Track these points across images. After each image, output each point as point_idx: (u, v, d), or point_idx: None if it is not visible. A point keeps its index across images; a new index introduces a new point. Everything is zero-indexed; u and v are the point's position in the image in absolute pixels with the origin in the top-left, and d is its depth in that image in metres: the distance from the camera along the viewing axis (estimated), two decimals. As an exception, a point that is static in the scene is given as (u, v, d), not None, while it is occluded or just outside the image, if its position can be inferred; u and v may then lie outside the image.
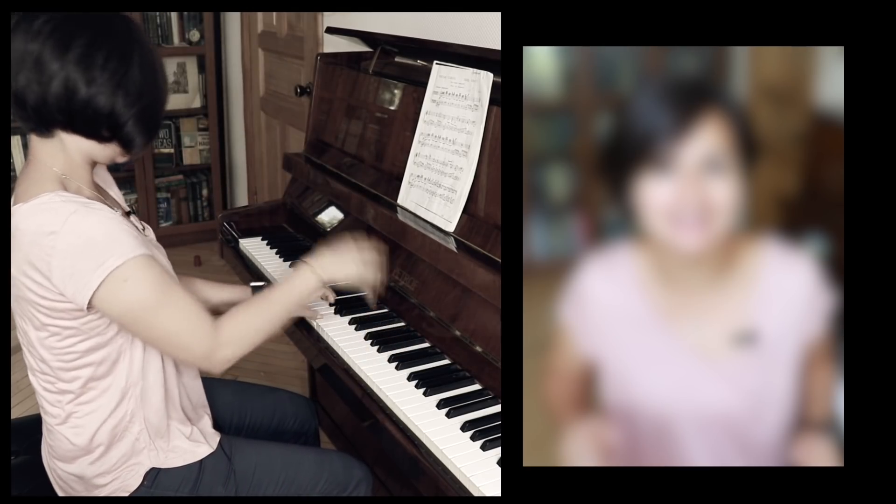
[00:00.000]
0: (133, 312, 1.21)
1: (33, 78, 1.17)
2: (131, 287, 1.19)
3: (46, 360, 1.27)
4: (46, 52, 1.17)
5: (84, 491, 1.35)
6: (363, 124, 2.08)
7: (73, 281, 1.17)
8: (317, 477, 1.45)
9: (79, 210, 1.18)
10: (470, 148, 1.63)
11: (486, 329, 1.46)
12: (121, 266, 1.17)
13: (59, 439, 1.33)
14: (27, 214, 1.19)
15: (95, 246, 1.17)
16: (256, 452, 1.44)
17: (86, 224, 1.17)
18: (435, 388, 1.41)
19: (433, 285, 1.62)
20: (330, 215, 2.07)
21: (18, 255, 1.20)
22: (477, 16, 2.00)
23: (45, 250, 1.16)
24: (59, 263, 1.16)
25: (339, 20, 2.65)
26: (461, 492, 1.19)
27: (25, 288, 1.21)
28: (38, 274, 1.18)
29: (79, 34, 1.18)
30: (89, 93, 1.19)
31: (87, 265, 1.16)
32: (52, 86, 1.17)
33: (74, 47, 1.17)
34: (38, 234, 1.17)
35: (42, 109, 1.20)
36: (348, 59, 2.25)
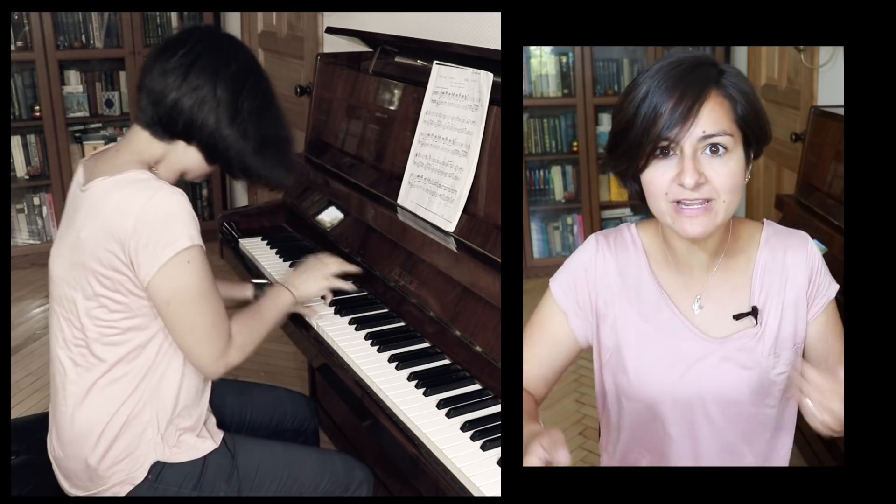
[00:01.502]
0: (182, 294, 1.28)
1: (199, 101, 1.32)
2: (191, 270, 1.27)
3: (86, 330, 1.31)
4: (212, 91, 1.32)
5: (89, 481, 1.35)
6: (363, 124, 2.08)
7: (147, 251, 1.24)
8: (319, 476, 1.45)
9: (164, 188, 1.27)
10: (470, 148, 1.63)
11: (486, 329, 1.46)
12: (189, 248, 1.26)
13: (69, 425, 1.34)
14: (113, 186, 1.28)
15: (175, 223, 1.25)
16: (260, 451, 1.44)
17: (170, 201, 1.26)
18: (435, 388, 1.41)
19: (433, 285, 1.62)
20: (330, 215, 2.07)
21: (96, 222, 1.26)
22: (477, 16, 2.00)
23: (126, 219, 1.24)
24: (137, 232, 1.23)
25: (339, 20, 2.65)
26: (461, 492, 1.19)
27: (92, 255, 1.27)
28: (113, 241, 1.25)
29: (245, 85, 1.36)
30: (235, 133, 1.35)
31: (162, 238, 1.24)
32: (210, 116, 1.33)
33: (244, 93, 1.35)
34: (122, 204, 1.25)
35: (187, 125, 1.33)
36: (348, 59, 2.25)
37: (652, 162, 1.06)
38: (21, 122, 3.76)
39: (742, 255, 1.17)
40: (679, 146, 1.04)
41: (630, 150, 1.07)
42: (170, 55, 1.32)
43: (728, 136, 1.04)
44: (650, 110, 1.04)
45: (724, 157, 1.04)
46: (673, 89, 1.03)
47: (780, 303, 1.15)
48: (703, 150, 1.04)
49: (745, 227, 1.20)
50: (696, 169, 1.03)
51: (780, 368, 1.14)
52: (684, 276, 1.17)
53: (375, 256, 1.82)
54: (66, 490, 1.40)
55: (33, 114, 3.77)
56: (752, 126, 1.07)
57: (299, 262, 1.60)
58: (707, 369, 1.14)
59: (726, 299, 1.16)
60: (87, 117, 3.91)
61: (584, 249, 1.22)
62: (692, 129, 1.03)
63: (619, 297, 1.18)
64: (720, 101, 1.04)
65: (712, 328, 1.15)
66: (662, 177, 1.05)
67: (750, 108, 1.06)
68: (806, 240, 1.19)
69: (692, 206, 1.05)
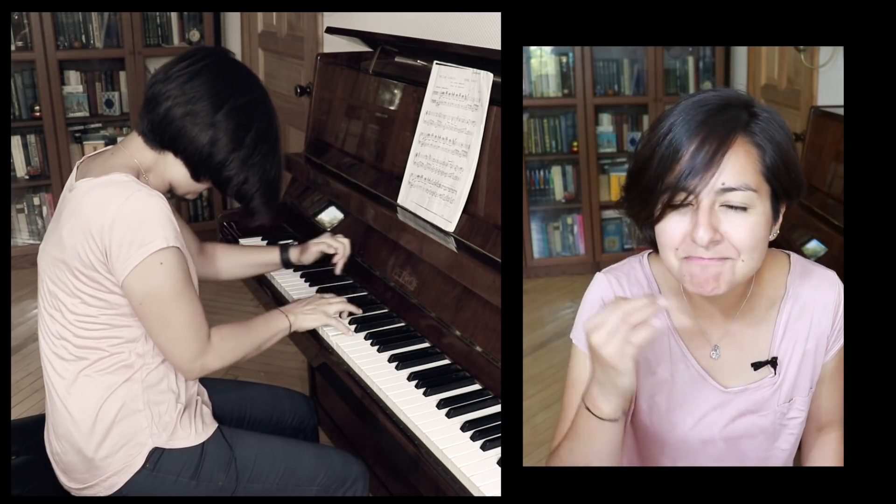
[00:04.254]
0: (157, 294, 1.29)
1: (192, 118, 1.33)
2: (164, 271, 1.28)
3: (69, 327, 1.34)
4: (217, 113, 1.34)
5: (87, 473, 1.36)
6: (363, 124, 2.08)
7: (122, 252, 1.26)
8: (316, 470, 1.46)
9: (142, 190, 1.29)
10: (470, 148, 1.63)
11: (486, 329, 1.46)
12: (162, 249, 1.27)
13: (62, 416, 1.35)
14: (95, 187, 1.30)
15: (148, 225, 1.27)
16: (257, 443, 1.46)
17: (145, 204, 1.27)
18: (435, 388, 1.41)
19: (433, 285, 1.62)
20: (330, 215, 2.07)
21: (77, 221, 1.29)
22: (477, 16, 2.00)
23: (104, 219, 1.26)
24: (112, 232, 1.25)
25: (339, 20, 2.65)
26: (461, 492, 1.19)
27: (73, 253, 1.29)
28: (91, 240, 1.27)
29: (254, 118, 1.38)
30: (226, 161, 1.37)
31: (136, 239, 1.25)
32: (202, 136, 1.34)
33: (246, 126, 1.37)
34: (100, 204, 1.27)
35: (176, 139, 1.35)
36: (348, 59, 2.25)
37: (667, 212, 0.96)
38: (21, 122, 3.76)
39: (765, 300, 1.09)
40: (696, 198, 0.94)
41: (643, 194, 0.98)
42: (175, 64, 1.35)
43: (751, 191, 0.94)
44: (669, 152, 0.94)
45: (744, 214, 0.94)
46: (696, 130, 0.94)
47: (801, 350, 1.09)
48: (721, 204, 0.94)
49: (770, 265, 1.10)
50: (710, 224, 0.93)
51: (793, 413, 1.12)
52: (703, 322, 1.09)
53: (375, 256, 1.82)
54: (66, 485, 1.40)
55: (33, 114, 3.77)
56: (780, 179, 0.96)
57: (276, 311, 1.58)
58: (721, 419, 1.11)
59: (746, 346, 1.10)
60: (87, 117, 3.90)
61: (597, 288, 1.12)
62: (710, 179, 0.93)
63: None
64: (746, 150, 0.94)
65: (729, 377, 1.10)
66: (675, 229, 0.96)
67: (780, 159, 0.96)
68: (834, 282, 1.10)
69: (706, 263, 0.96)
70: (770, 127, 0.96)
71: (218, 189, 1.44)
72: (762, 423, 1.11)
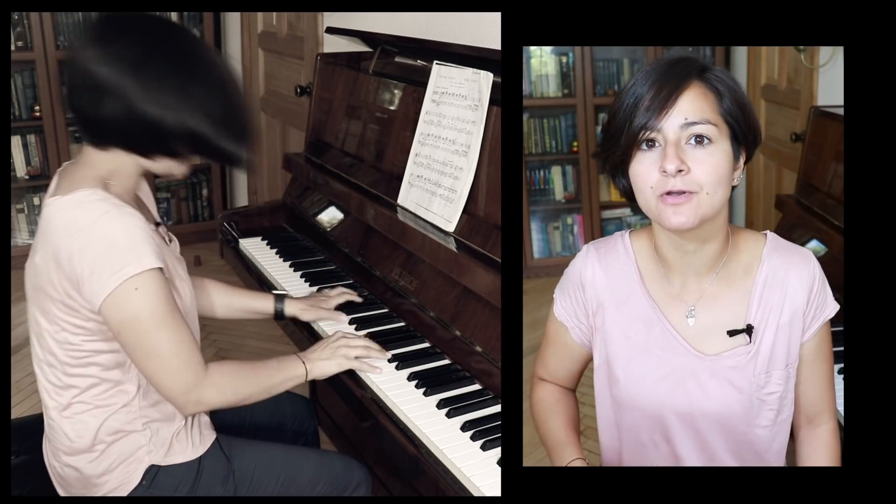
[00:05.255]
0: (134, 322, 1.20)
1: (95, 98, 1.17)
2: (140, 297, 1.19)
3: (56, 354, 1.28)
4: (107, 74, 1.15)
5: (82, 488, 1.35)
6: (363, 124, 2.08)
7: (92, 280, 1.18)
8: (316, 478, 1.45)
9: (110, 212, 1.19)
10: (470, 148, 1.63)
11: (486, 329, 1.46)
12: (136, 275, 1.18)
13: (58, 432, 1.33)
14: (61, 207, 1.21)
15: (118, 250, 1.17)
16: (256, 453, 1.44)
17: (113, 227, 1.18)
18: (435, 388, 1.41)
19: (433, 285, 1.62)
20: (330, 215, 2.07)
21: (47, 247, 1.22)
22: (477, 16, 2.00)
23: (73, 247, 1.18)
24: (81, 261, 1.17)
25: (339, 20, 2.64)
26: (461, 492, 1.19)
27: (47, 280, 1.22)
28: (60, 269, 1.20)
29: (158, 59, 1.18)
30: (163, 117, 1.18)
31: (106, 267, 1.17)
32: (116, 109, 1.17)
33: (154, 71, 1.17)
34: (67, 229, 1.19)
35: (102, 130, 1.21)
36: (348, 59, 2.25)
37: (637, 154, 1.06)
38: (21, 122, 3.76)
39: (741, 267, 1.14)
40: (662, 135, 1.03)
41: (614, 141, 1.08)
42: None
43: (711, 125, 1.03)
44: (632, 100, 1.05)
45: (707, 147, 1.03)
46: (654, 80, 1.05)
47: (776, 321, 1.12)
48: (687, 141, 1.03)
49: (747, 237, 1.17)
50: (678, 156, 1.02)
51: (770, 388, 1.13)
52: (677, 285, 1.15)
53: (375, 256, 1.82)
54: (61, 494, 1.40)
55: (33, 114, 3.77)
56: (738, 121, 1.06)
57: (292, 356, 1.46)
58: (697, 385, 1.12)
59: (721, 312, 1.13)
60: (87, 117, 3.91)
61: (576, 260, 1.23)
62: (672, 116, 1.03)
63: (609, 308, 1.17)
64: (703, 92, 1.05)
65: (704, 342, 1.13)
66: (648, 169, 1.05)
67: (736, 104, 1.06)
68: (809, 258, 1.15)
69: (677, 197, 1.03)
70: (724, 77, 1.07)
71: (177, 156, 1.27)
72: (739, 396, 1.12)
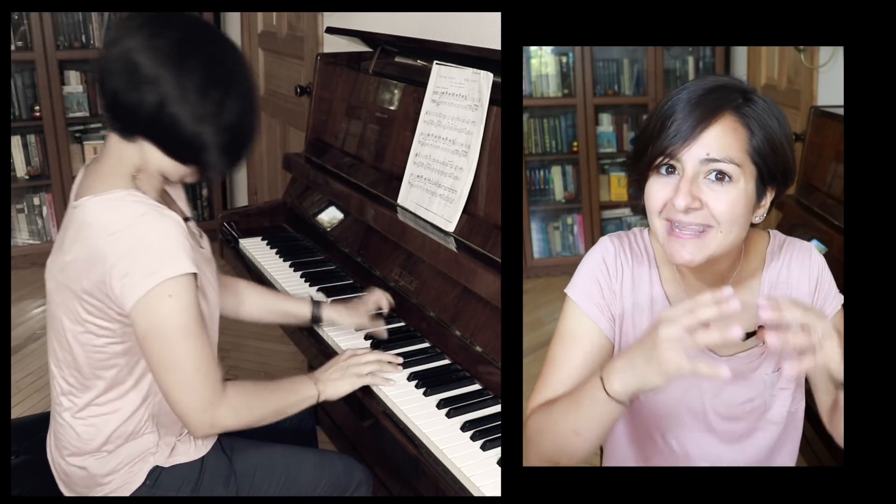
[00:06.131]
0: (161, 330, 1.18)
1: (130, 83, 1.16)
2: (172, 304, 1.17)
3: (76, 355, 1.27)
4: (149, 63, 1.15)
5: (85, 487, 1.35)
6: (363, 124, 2.08)
7: (125, 282, 1.16)
8: (317, 478, 1.45)
9: (148, 213, 1.19)
10: (470, 148, 1.63)
11: (486, 329, 1.46)
12: (171, 279, 1.16)
13: (68, 432, 1.32)
14: (97, 208, 1.20)
15: (154, 253, 1.16)
16: (257, 453, 1.44)
17: (151, 229, 1.18)
18: (435, 388, 1.41)
19: (433, 285, 1.62)
20: (330, 215, 2.07)
21: (81, 247, 1.20)
22: (477, 16, 2.00)
23: (107, 248, 1.17)
24: (116, 262, 1.16)
25: (339, 20, 2.64)
26: (461, 492, 1.19)
27: (77, 280, 1.21)
28: (93, 270, 1.18)
29: (190, 55, 1.17)
30: (181, 113, 1.17)
31: (140, 269, 1.16)
32: (148, 96, 1.16)
33: (187, 68, 1.17)
34: (103, 231, 1.18)
35: (130, 116, 1.19)
36: (348, 59, 2.25)
37: (652, 175, 1.03)
38: (21, 122, 3.76)
39: (749, 271, 1.14)
40: (682, 165, 1.00)
41: (638, 154, 1.05)
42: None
43: (734, 165, 0.98)
44: (661, 119, 1.01)
45: (726, 185, 0.99)
46: (687, 105, 1.00)
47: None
48: (705, 175, 0.99)
49: (755, 242, 1.15)
50: (690, 192, 0.98)
51: (782, 384, 1.13)
52: (691, 295, 1.12)
53: (375, 256, 1.82)
54: (63, 492, 1.40)
55: (33, 114, 3.77)
56: (767, 161, 1.01)
57: (305, 376, 1.43)
58: (712, 385, 1.12)
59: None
60: (87, 117, 3.90)
61: (601, 249, 1.17)
62: (695, 149, 0.98)
63: (631, 307, 1.15)
64: (734, 127, 0.99)
65: (720, 346, 1.11)
66: (659, 193, 1.02)
67: (768, 142, 1.00)
68: (810, 250, 1.15)
69: (685, 231, 1.00)
70: (763, 113, 1.01)
71: (199, 164, 1.26)
72: (751, 394, 1.13)
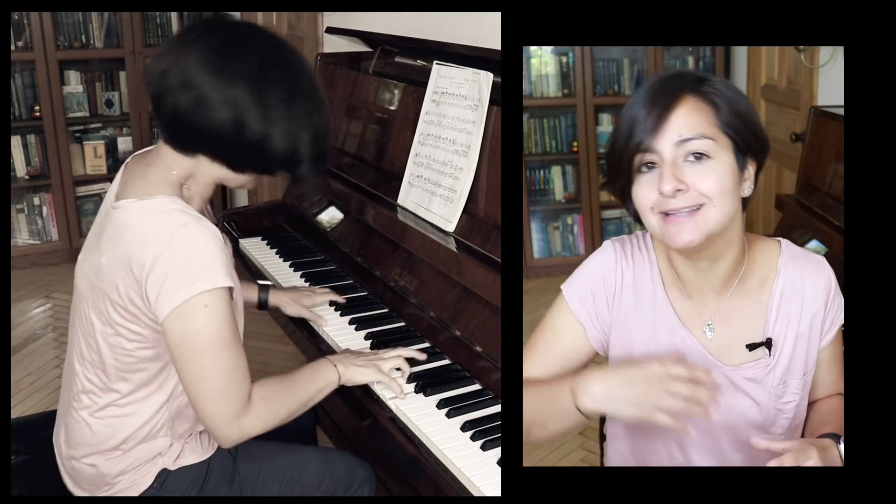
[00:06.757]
0: (194, 341, 1.18)
1: (196, 105, 1.16)
2: (208, 315, 1.17)
3: (104, 357, 1.27)
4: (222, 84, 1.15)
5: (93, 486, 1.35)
6: (363, 124, 2.08)
7: (161, 291, 1.16)
8: (320, 477, 1.45)
9: (190, 224, 1.18)
10: (470, 148, 1.63)
11: (486, 329, 1.46)
12: (207, 291, 1.16)
13: (84, 429, 1.32)
14: (139, 213, 1.20)
15: (192, 264, 1.16)
16: (260, 453, 1.44)
17: (191, 240, 1.17)
18: (435, 388, 1.41)
19: (433, 285, 1.62)
20: (330, 215, 2.07)
21: (117, 251, 1.20)
22: (477, 16, 2.00)
23: (146, 255, 1.16)
24: (153, 271, 1.16)
25: (339, 20, 2.65)
26: (461, 492, 1.19)
27: (112, 283, 1.21)
28: (131, 274, 1.18)
29: (269, 72, 1.18)
30: (270, 132, 1.18)
31: (177, 280, 1.15)
32: (221, 119, 1.16)
33: (264, 84, 1.17)
34: (144, 237, 1.17)
35: (195, 136, 1.19)
36: (348, 59, 2.25)
37: (637, 177, 1.04)
38: (21, 122, 3.76)
39: (757, 280, 1.13)
40: (659, 155, 1.02)
41: (616, 167, 1.06)
42: (168, 51, 1.20)
43: (708, 139, 1.01)
44: (627, 124, 1.04)
45: (707, 163, 1.01)
46: (647, 100, 1.03)
47: (794, 331, 1.11)
48: (684, 158, 1.01)
49: (762, 248, 1.15)
50: (674, 175, 1.00)
51: (787, 397, 1.13)
52: (695, 300, 1.13)
53: (375, 256, 1.82)
54: (70, 489, 1.40)
55: (33, 114, 3.77)
56: (739, 132, 1.03)
57: (325, 360, 1.42)
58: (722, 397, 1.10)
59: (739, 326, 1.12)
60: (87, 117, 3.90)
61: (602, 256, 1.17)
62: (666, 135, 1.01)
63: (633, 313, 1.14)
64: (698, 106, 1.02)
65: (724, 354, 1.12)
66: (646, 189, 1.03)
67: (735, 114, 1.03)
68: (823, 265, 1.14)
69: (679, 214, 1.02)
70: (722, 88, 1.04)
71: (266, 173, 1.27)
72: (756, 406, 1.12)
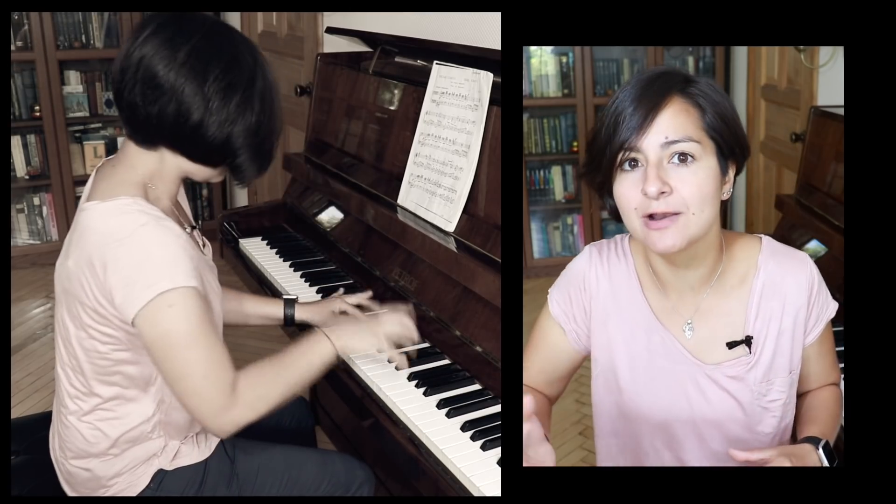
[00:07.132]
0: (166, 340, 1.18)
1: (148, 94, 1.17)
2: (173, 314, 1.17)
3: (80, 361, 1.26)
4: (167, 73, 1.16)
5: (89, 489, 1.35)
6: (363, 124, 2.08)
7: (125, 292, 1.16)
8: (319, 478, 1.45)
9: (149, 224, 1.18)
10: (470, 148, 1.63)
11: (486, 329, 1.46)
12: (170, 291, 1.16)
13: (74, 434, 1.32)
14: (101, 214, 1.20)
15: (153, 264, 1.16)
16: (259, 454, 1.44)
17: (151, 239, 1.17)
18: (435, 388, 1.41)
19: (433, 285, 1.62)
20: (330, 215, 2.07)
21: (82, 253, 1.20)
22: (476, 16, 2.00)
23: (107, 256, 1.16)
24: (115, 272, 1.16)
25: (339, 20, 2.65)
26: (461, 492, 1.19)
27: (79, 285, 1.21)
28: (94, 276, 1.18)
29: (209, 61, 1.18)
30: (206, 121, 1.19)
31: (139, 280, 1.15)
32: (168, 107, 1.17)
33: (207, 74, 1.18)
34: (105, 238, 1.18)
35: (150, 127, 1.20)
36: (348, 59, 2.25)
37: (619, 174, 1.03)
38: (21, 122, 3.76)
39: (736, 277, 1.12)
40: (643, 155, 1.01)
41: (597, 162, 1.05)
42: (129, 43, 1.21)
43: (694, 142, 1.00)
44: (612, 119, 1.03)
45: (691, 166, 1.00)
46: (634, 97, 1.02)
47: (776, 329, 1.11)
48: (669, 160, 1.01)
49: (741, 245, 1.14)
50: (659, 177, 0.99)
51: (773, 396, 1.12)
52: (672, 299, 1.13)
53: (375, 256, 1.82)
54: (67, 491, 1.40)
55: (33, 114, 3.77)
56: (723, 135, 1.03)
57: (316, 331, 1.40)
58: (698, 392, 1.12)
59: (719, 324, 1.12)
60: (87, 117, 3.91)
61: (579, 261, 1.20)
62: (652, 135, 1.00)
63: (612, 315, 1.15)
64: (685, 108, 1.02)
65: (704, 352, 1.12)
66: (631, 189, 1.02)
67: (720, 118, 1.03)
68: (805, 262, 1.14)
69: (661, 221, 1.01)
70: (708, 90, 1.04)
71: (211, 164, 1.27)
72: (740, 405, 1.11)
